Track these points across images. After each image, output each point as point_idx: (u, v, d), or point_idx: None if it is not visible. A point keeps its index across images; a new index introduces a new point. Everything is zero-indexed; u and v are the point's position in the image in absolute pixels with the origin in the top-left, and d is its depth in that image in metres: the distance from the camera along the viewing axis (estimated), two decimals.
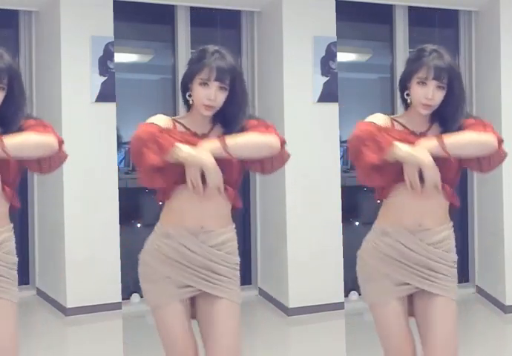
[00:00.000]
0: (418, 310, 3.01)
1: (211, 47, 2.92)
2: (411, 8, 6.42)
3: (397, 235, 2.98)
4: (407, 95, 2.98)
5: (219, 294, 2.91)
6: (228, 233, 2.95)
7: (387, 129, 2.96)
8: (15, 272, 2.94)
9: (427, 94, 2.90)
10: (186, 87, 2.92)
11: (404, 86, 2.98)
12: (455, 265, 3.03)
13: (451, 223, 3.04)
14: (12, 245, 2.95)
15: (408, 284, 2.98)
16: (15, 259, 2.95)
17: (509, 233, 6.04)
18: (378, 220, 3.05)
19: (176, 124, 2.95)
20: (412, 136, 2.96)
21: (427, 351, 2.96)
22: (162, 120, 2.95)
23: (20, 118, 2.91)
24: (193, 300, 2.96)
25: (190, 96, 2.91)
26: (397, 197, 2.98)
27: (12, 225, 2.98)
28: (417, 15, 6.45)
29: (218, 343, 2.90)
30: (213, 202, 2.91)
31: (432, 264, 2.96)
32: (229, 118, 2.91)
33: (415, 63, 2.94)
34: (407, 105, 3.04)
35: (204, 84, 2.86)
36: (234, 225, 2.99)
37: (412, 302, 3.03)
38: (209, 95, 2.85)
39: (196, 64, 2.90)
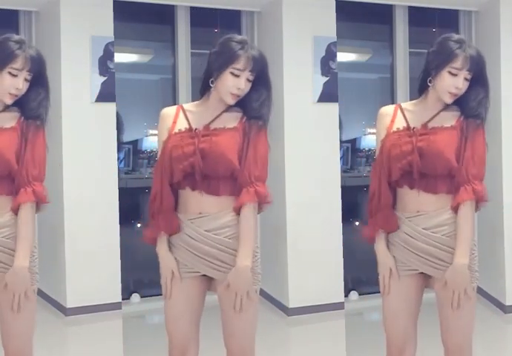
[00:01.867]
0: (434, 285, 3.04)
1: (238, 37, 2.96)
2: (411, 8, 6.42)
3: (399, 222, 3.03)
4: (429, 82, 3.00)
5: (218, 278, 2.94)
6: (227, 218, 2.94)
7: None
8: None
9: (458, 84, 2.95)
10: (211, 74, 2.93)
11: (429, 73, 3.00)
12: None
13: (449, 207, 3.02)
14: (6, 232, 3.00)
15: (411, 266, 3.02)
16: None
17: (509, 233, 6.04)
18: None
19: (179, 116, 2.98)
20: (404, 133, 3.00)
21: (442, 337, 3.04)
22: (162, 127, 3.00)
23: (43, 108, 2.93)
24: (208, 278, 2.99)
25: (212, 82, 2.93)
26: (402, 188, 3.03)
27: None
28: (417, 15, 6.45)
29: (231, 328, 2.96)
30: (214, 196, 2.94)
31: (431, 250, 2.98)
32: (250, 104, 2.95)
33: (447, 53, 2.96)
34: (422, 91, 3.06)
35: (236, 74, 2.90)
36: (234, 213, 2.95)
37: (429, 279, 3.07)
38: (239, 84, 2.90)
39: (228, 53, 2.91)
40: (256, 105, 2.95)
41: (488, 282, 6.21)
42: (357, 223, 6.47)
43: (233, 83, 2.89)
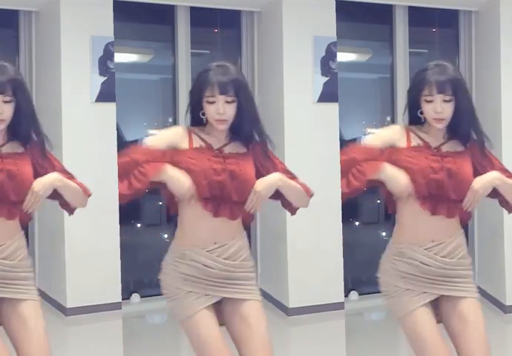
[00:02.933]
0: (445, 314, 3.05)
1: (213, 64, 2.97)
2: (411, 8, 6.42)
3: (412, 253, 3.02)
4: (421, 113, 3.02)
5: (240, 297, 2.96)
6: (240, 242, 2.99)
7: (391, 151, 3.01)
8: (32, 274, 3.03)
9: (436, 108, 2.96)
10: (199, 107, 2.96)
11: (416, 105, 3.02)
12: (471, 267, 3.09)
13: (462, 230, 3.10)
14: (26, 251, 3.02)
15: (431, 293, 3.02)
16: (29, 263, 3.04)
17: (509, 233, 6.04)
18: (393, 239, 3.09)
19: (193, 135, 2.99)
20: (426, 150, 3.00)
21: (461, 352, 3.01)
22: (176, 133, 3.00)
23: (32, 131, 3.00)
24: (218, 309, 2.98)
25: (204, 114, 2.96)
26: (409, 215, 3.02)
27: (22, 234, 3.04)
28: (417, 15, 6.45)
29: (253, 343, 2.95)
30: (223, 219, 2.95)
31: (448, 273, 3.01)
32: (241, 130, 2.97)
33: (419, 83, 2.99)
34: (419, 120, 3.06)
35: (210, 102, 2.92)
36: (245, 232, 3.03)
37: (437, 310, 3.06)
38: (217, 109, 2.91)
39: (200, 85, 2.94)
40: (244, 132, 2.97)
41: (488, 282, 6.22)
42: (357, 223, 6.47)
43: (212, 110, 2.92)
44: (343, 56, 6.30)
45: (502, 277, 6.02)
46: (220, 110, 2.90)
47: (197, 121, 3.01)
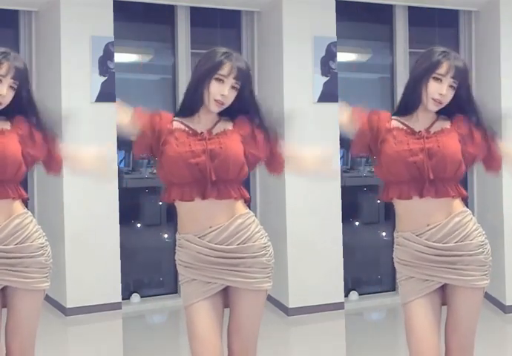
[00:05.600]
0: (448, 300, 3.04)
1: (223, 49, 2.97)
2: (411, 8, 6.42)
3: (404, 241, 3.01)
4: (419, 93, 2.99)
5: (245, 287, 2.97)
6: (238, 222, 2.94)
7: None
8: (42, 257, 2.99)
9: (442, 90, 2.94)
10: (197, 85, 2.96)
11: (414, 85, 3.00)
12: (481, 250, 3.03)
13: (463, 209, 3.03)
14: (28, 231, 2.99)
15: (433, 280, 3.00)
16: (37, 244, 3.00)
17: (509, 233, 6.03)
18: (396, 229, 3.09)
19: (174, 122, 2.98)
20: (410, 136, 2.98)
21: (445, 338, 3.05)
22: (159, 118, 3.01)
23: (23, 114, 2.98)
24: (226, 290, 2.99)
25: (201, 95, 2.95)
26: (404, 204, 2.99)
27: (22, 211, 3.00)
28: (417, 15, 6.45)
29: (237, 334, 2.99)
30: (219, 202, 2.92)
31: (447, 259, 2.97)
32: (236, 112, 2.97)
33: (432, 61, 2.97)
34: (411, 106, 3.04)
35: (220, 80, 2.90)
36: (247, 211, 2.98)
37: (443, 293, 3.05)
38: (223, 90, 2.90)
39: (213, 62, 2.93)
40: (242, 106, 2.97)
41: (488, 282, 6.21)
42: (357, 223, 6.47)
43: (217, 89, 2.90)
44: (343, 56, 6.30)
45: (502, 277, 6.02)
46: (225, 91, 2.90)
47: (187, 106, 3.00)
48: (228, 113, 2.98)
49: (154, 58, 6.67)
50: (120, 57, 6.04)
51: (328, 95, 5.92)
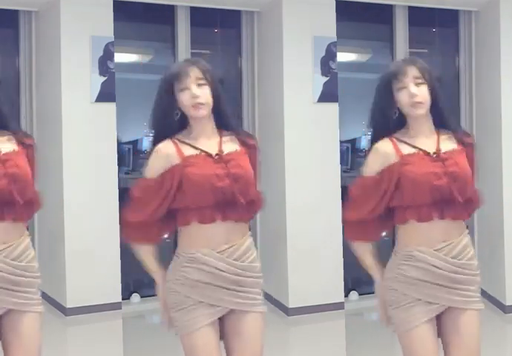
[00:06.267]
0: (446, 327, 2.93)
1: (182, 61, 3.02)
2: (411, 8, 6.42)
3: (423, 256, 2.89)
4: (398, 110, 2.90)
5: (246, 309, 2.88)
6: (248, 241, 2.91)
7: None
8: (38, 280, 3.09)
9: (409, 91, 2.85)
10: (172, 106, 2.89)
11: (387, 107, 2.90)
12: (478, 272, 2.95)
13: (467, 230, 2.98)
14: (33, 252, 3.04)
15: (437, 304, 2.89)
16: (37, 265, 3.08)
17: (509, 233, 6.03)
18: (400, 245, 2.96)
19: (180, 144, 2.87)
20: (427, 157, 2.89)
21: None
22: (162, 157, 2.87)
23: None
24: (220, 320, 2.90)
25: (177, 114, 2.88)
26: (422, 226, 2.90)
27: (27, 233, 3.02)
28: (417, 15, 6.45)
29: (242, 352, 2.90)
30: (236, 223, 2.88)
31: (458, 277, 2.88)
32: (221, 114, 2.90)
33: (390, 77, 2.89)
34: (401, 122, 2.94)
35: (184, 88, 2.85)
36: (250, 232, 2.95)
37: (437, 320, 2.95)
38: (192, 93, 2.83)
39: (170, 78, 2.93)
40: (229, 119, 2.91)
41: (488, 282, 6.21)
42: None
43: (187, 96, 2.84)
44: (343, 56, 6.30)
45: (502, 277, 6.02)
46: (195, 92, 2.82)
47: (169, 129, 2.90)
48: (219, 120, 2.91)
49: (154, 58, 6.67)
50: (120, 57, 6.04)
51: (328, 95, 5.92)
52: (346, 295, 6.02)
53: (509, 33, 6.03)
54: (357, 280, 6.28)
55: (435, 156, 2.88)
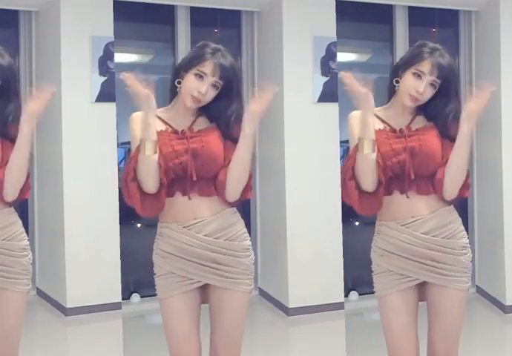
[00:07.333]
0: (427, 298, 2.99)
1: (213, 44, 2.93)
2: (411, 8, 6.42)
3: (389, 231, 2.96)
4: (396, 82, 2.99)
5: (225, 286, 2.90)
6: (224, 218, 2.91)
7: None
8: (25, 259, 2.94)
9: (419, 87, 2.91)
10: (178, 75, 2.93)
11: (396, 73, 3.00)
12: (465, 251, 2.98)
13: (448, 208, 2.98)
14: (14, 230, 2.95)
15: (410, 277, 2.94)
16: (22, 244, 2.96)
17: (509, 233, 6.03)
18: (377, 219, 3.04)
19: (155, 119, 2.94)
20: (390, 133, 2.96)
21: (429, 340, 2.99)
22: (138, 127, 3.07)
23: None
24: (205, 286, 2.93)
25: (179, 83, 2.93)
26: (391, 194, 2.96)
27: (12, 209, 2.98)
28: (417, 15, 6.45)
29: (220, 334, 2.92)
30: (201, 198, 2.90)
31: (432, 254, 2.92)
32: (217, 113, 2.92)
33: (416, 55, 2.95)
34: (391, 95, 3.05)
35: (200, 76, 2.86)
36: (234, 209, 2.94)
37: (422, 288, 2.99)
38: (201, 88, 2.85)
39: (197, 56, 2.90)
40: (226, 116, 2.92)
41: (488, 283, 6.22)
42: (357, 223, 6.47)
43: (195, 85, 2.87)
44: (343, 56, 6.30)
45: (502, 277, 6.02)
46: (203, 89, 2.85)
47: (173, 91, 2.98)
48: (208, 111, 2.93)
49: (154, 58, 6.67)
50: (120, 57, 6.04)
51: (328, 95, 5.92)
52: (346, 295, 6.02)
53: (509, 33, 6.03)
54: (357, 280, 6.28)
55: (400, 132, 2.95)
